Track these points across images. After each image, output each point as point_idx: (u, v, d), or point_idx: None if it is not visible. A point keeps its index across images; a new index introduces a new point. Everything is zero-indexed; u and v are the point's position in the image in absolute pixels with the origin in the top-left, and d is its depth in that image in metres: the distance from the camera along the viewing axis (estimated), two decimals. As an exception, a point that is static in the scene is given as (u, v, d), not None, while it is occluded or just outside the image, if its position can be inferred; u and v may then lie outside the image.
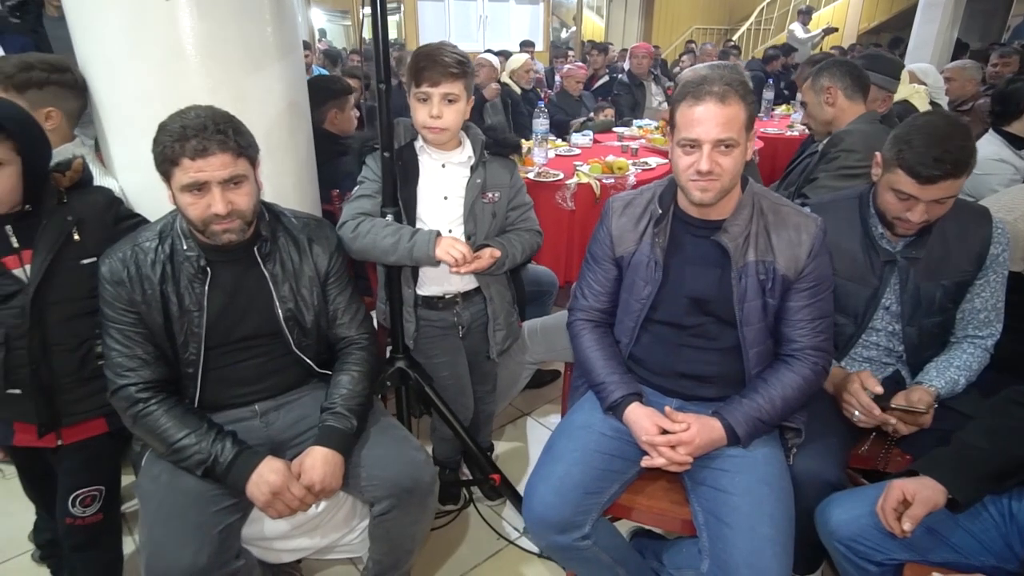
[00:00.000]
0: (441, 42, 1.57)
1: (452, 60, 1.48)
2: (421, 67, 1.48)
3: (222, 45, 1.58)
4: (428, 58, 1.48)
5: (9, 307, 1.29)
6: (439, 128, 1.52)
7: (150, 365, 1.31)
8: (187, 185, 1.19)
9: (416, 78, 1.50)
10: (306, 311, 1.42)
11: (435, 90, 1.48)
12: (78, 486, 1.43)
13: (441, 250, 1.50)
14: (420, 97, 1.51)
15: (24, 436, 1.40)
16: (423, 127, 1.54)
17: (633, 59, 5.12)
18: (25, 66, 1.52)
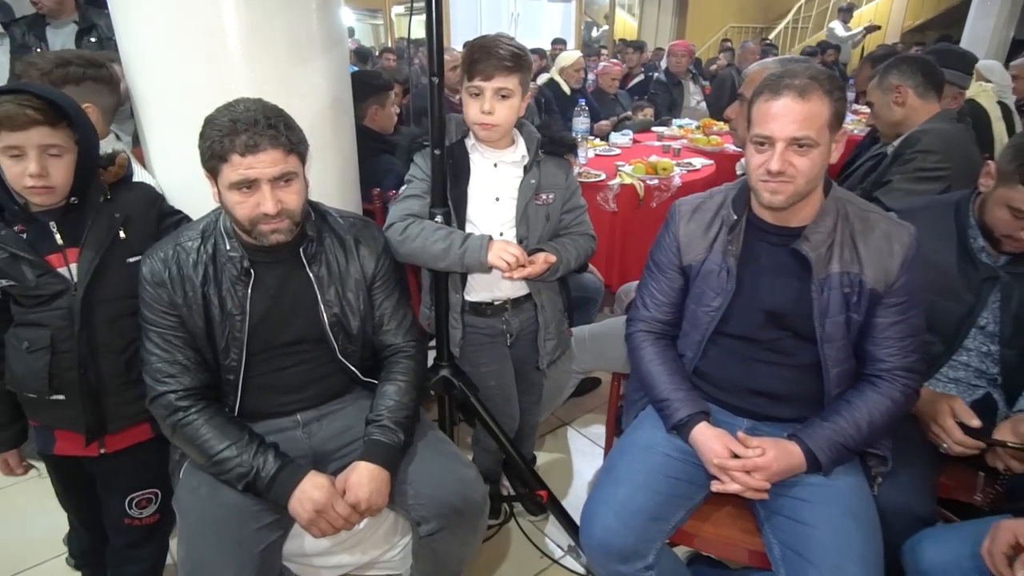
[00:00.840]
0: (497, 34, 1.48)
1: (507, 52, 1.40)
2: (474, 59, 1.40)
3: (268, 37, 1.51)
4: (482, 50, 1.39)
5: (54, 308, 1.24)
6: (491, 124, 1.43)
7: (190, 371, 1.24)
8: (236, 183, 1.13)
9: (469, 71, 1.42)
10: (352, 316, 1.35)
11: (488, 84, 1.40)
12: (134, 488, 1.40)
13: (493, 255, 1.41)
14: (472, 91, 1.42)
15: (66, 444, 1.34)
16: (474, 123, 1.45)
17: (672, 57, 4.98)
18: (62, 62, 1.49)
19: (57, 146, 1.18)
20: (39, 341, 1.24)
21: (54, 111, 1.16)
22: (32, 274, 1.21)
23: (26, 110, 1.12)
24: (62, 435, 1.34)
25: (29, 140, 1.14)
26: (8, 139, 1.14)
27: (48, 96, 1.16)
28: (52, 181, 1.18)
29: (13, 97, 1.13)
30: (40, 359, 1.24)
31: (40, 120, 1.14)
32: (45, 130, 1.16)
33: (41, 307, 1.24)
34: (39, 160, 1.16)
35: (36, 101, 1.14)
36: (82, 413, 1.28)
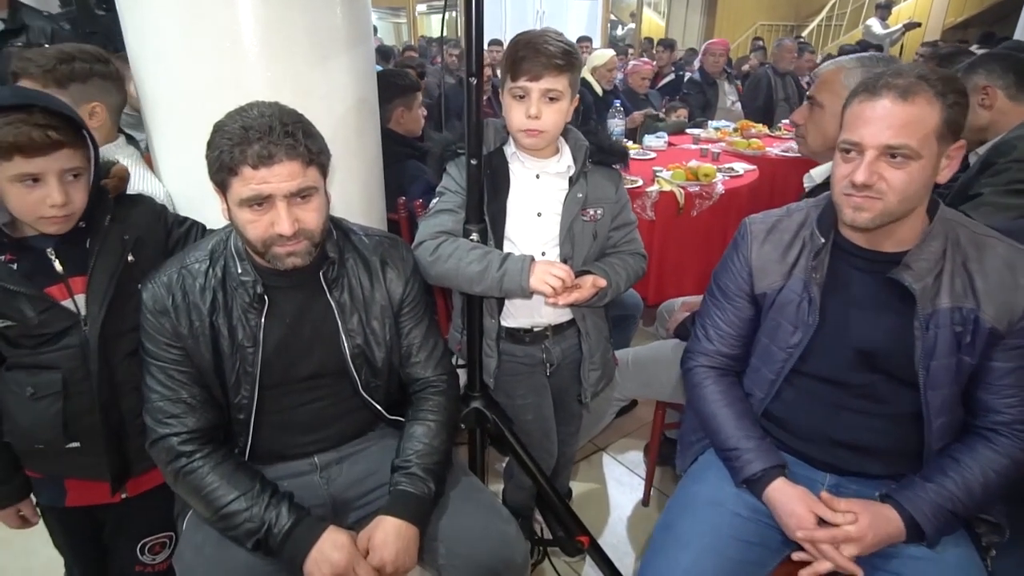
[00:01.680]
0: (544, 29, 1.31)
1: (557, 49, 1.23)
2: (519, 57, 1.23)
3: (286, 33, 1.37)
4: (528, 47, 1.23)
5: (62, 347, 1.10)
6: (537, 131, 1.26)
7: (196, 411, 1.10)
8: (247, 199, 0.98)
9: (512, 70, 1.25)
10: (376, 347, 1.19)
11: (535, 85, 1.23)
12: (148, 533, 1.28)
13: (536, 279, 1.25)
14: (516, 93, 1.26)
15: (81, 494, 1.21)
16: (518, 130, 1.29)
17: (708, 56, 4.76)
18: (65, 57, 1.34)
19: (77, 168, 1.05)
20: (48, 386, 1.10)
21: (74, 129, 1.02)
22: (32, 311, 1.07)
23: (47, 132, 0.98)
24: (75, 485, 1.21)
25: (51, 166, 1.01)
26: (25, 166, 0.99)
27: (64, 111, 1.01)
28: (73, 208, 1.05)
29: (26, 116, 0.97)
30: (51, 406, 1.10)
31: (63, 142, 1.00)
32: (67, 153, 1.02)
33: (45, 347, 1.10)
34: (62, 187, 1.02)
35: (54, 119, 0.99)
36: (105, 459, 1.15)
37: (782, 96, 5.24)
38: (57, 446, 1.14)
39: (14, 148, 0.98)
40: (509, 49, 1.27)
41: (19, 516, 1.27)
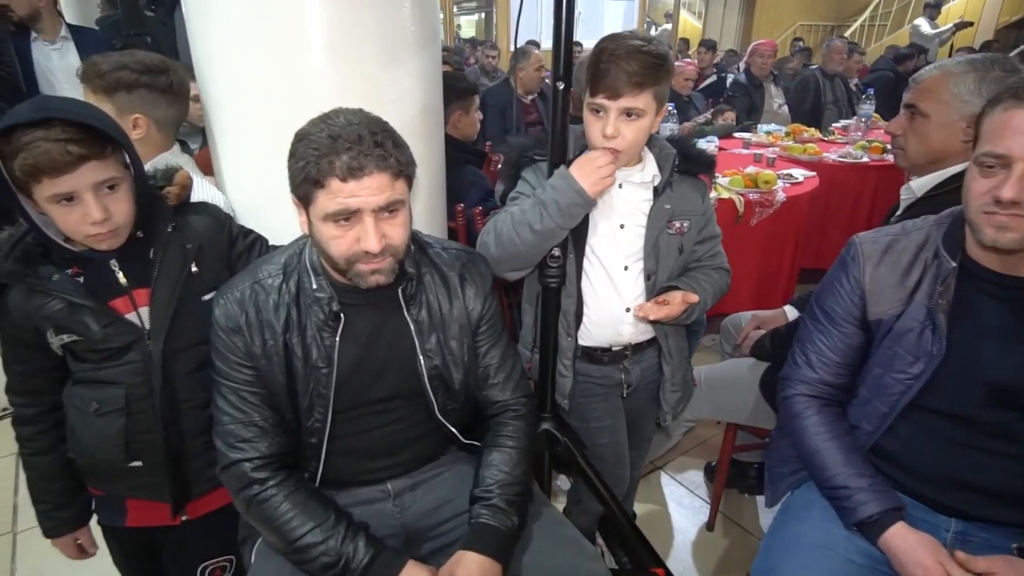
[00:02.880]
0: (631, 33, 1.21)
1: (640, 65, 1.13)
2: (600, 71, 1.14)
3: (356, 35, 1.31)
4: (611, 59, 1.13)
5: (125, 362, 1.05)
6: (615, 149, 1.18)
7: (268, 435, 1.04)
8: (333, 213, 0.91)
9: (591, 84, 1.16)
10: (454, 368, 1.12)
11: (613, 104, 1.15)
12: (206, 557, 1.23)
13: (590, 182, 1.14)
14: (593, 108, 1.18)
15: (141, 515, 1.17)
16: (595, 146, 1.20)
17: (756, 58, 4.61)
18: (119, 65, 1.30)
19: (112, 178, 0.97)
20: (111, 402, 1.06)
21: (97, 137, 0.94)
22: (97, 325, 1.02)
23: (67, 147, 0.90)
24: (136, 505, 1.17)
25: (81, 182, 0.93)
26: (55, 187, 0.92)
27: (82, 120, 0.92)
28: (116, 221, 0.99)
29: (44, 132, 0.89)
30: (114, 422, 1.06)
31: (87, 155, 0.92)
32: (95, 165, 0.94)
33: (109, 362, 1.05)
34: (98, 202, 0.95)
35: (72, 130, 0.91)
36: (165, 480, 1.10)
37: (831, 99, 5.07)
38: (119, 464, 1.10)
39: (37, 170, 0.90)
40: (592, 57, 1.18)
41: (76, 545, 1.23)
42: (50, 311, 1.02)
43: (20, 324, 1.03)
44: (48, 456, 1.14)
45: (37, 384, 1.11)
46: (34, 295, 1.01)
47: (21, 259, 1.00)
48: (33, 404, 1.12)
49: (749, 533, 1.91)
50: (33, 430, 1.13)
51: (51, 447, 1.14)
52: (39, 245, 1.02)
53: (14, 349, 1.07)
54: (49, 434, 1.13)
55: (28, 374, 1.09)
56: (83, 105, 0.98)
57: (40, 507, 1.18)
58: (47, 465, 1.15)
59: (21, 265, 1.00)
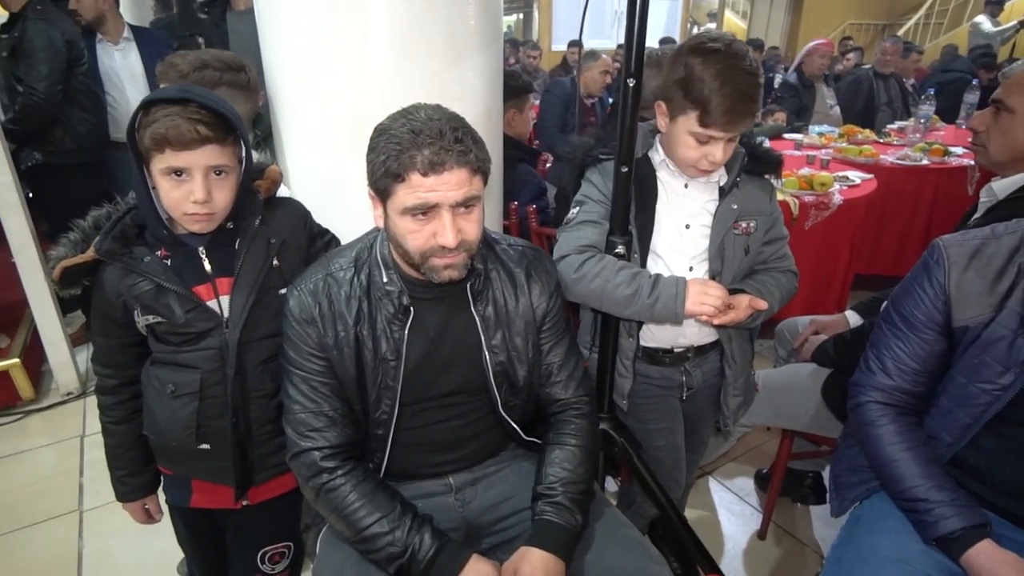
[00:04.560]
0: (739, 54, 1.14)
1: (756, 93, 1.14)
2: (727, 107, 1.11)
3: (424, 32, 1.32)
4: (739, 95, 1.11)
5: (203, 348, 1.08)
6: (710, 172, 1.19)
7: (337, 425, 1.05)
8: (412, 207, 0.92)
9: (707, 112, 1.12)
10: (519, 364, 1.12)
11: (726, 134, 1.14)
12: (268, 542, 1.25)
13: (692, 303, 1.15)
14: (703, 138, 1.16)
15: (205, 496, 1.21)
16: (691, 165, 1.20)
17: (815, 58, 4.44)
18: (200, 64, 1.36)
19: (224, 166, 1.01)
20: (187, 385, 1.09)
21: (223, 125, 0.99)
22: (180, 309, 1.06)
23: (197, 126, 0.95)
24: (201, 486, 1.20)
25: (196, 161, 0.97)
26: (173, 159, 0.97)
27: (215, 107, 0.98)
28: (215, 207, 1.02)
29: (181, 109, 0.95)
30: (187, 406, 1.09)
31: (211, 137, 0.97)
32: (214, 149, 0.98)
33: (188, 346, 1.09)
34: (205, 183, 0.99)
35: (205, 114, 0.96)
36: (231, 465, 1.13)
37: (884, 100, 4.91)
38: (188, 446, 1.13)
39: (164, 140, 0.95)
40: (705, 84, 1.12)
41: (144, 510, 1.29)
42: (139, 291, 1.06)
43: (111, 301, 1.07)
44: (125, 426, 1.19)
45: (120, 358, 1.15)
46: (127, 274, 1.05)
47: (119, 238, 1.04)
48: (115, 376, 1.17)
49: (803, 544, 1.86)
50: (113, 400, 1.18)
51: (128, 417, 1.19)
52: (136, 226, 1.07)
53: (103, 323, 1.12)
54: (127, 405, 1.18)
55: (113, 348, 1.14)
56: (218, 97, 1.02)
57: (116, 473, 1.23)
58: (123, 434, 1.20)
59: (118, 244, 1.04)
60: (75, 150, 2.72)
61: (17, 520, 1.96)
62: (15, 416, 2.54)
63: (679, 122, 1.18)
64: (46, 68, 2.53)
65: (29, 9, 2.54)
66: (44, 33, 2.51)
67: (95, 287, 1.09)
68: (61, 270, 1.05)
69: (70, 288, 1.08)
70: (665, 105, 1.21)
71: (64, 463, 2.26)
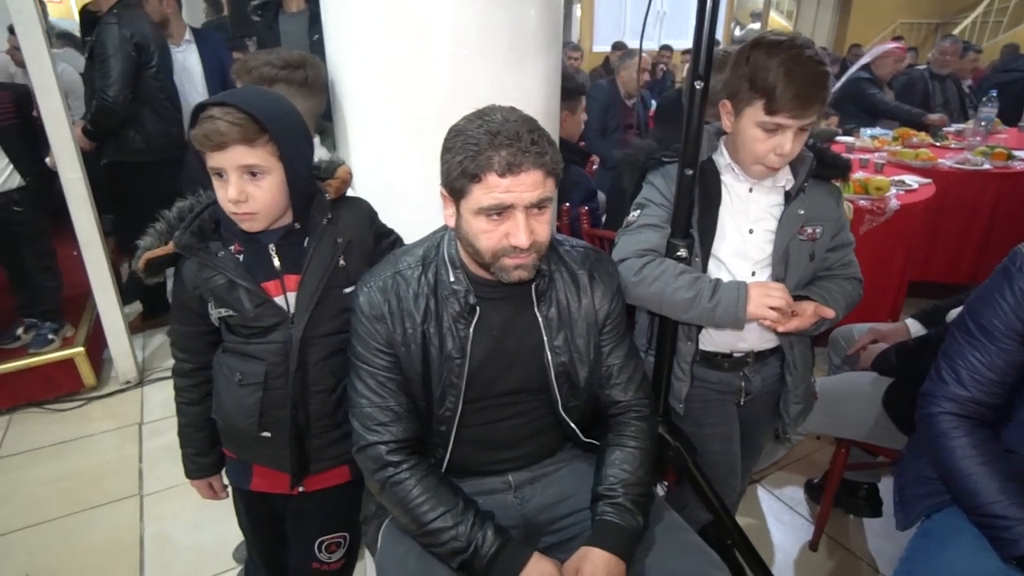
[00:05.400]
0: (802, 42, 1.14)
1: (824, 79, 1.12)
2: (790, 94, 1.10)
3: (485, 34, 1.33)
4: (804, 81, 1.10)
5: (269, 341, 1.12)
6: (778, 168, 1.16)
7: (402, 420, 1.07)
8: (488, 207, 0.93)
9: (772, 100, 1.12)
10: (580, 365, 1.13)
11: (795, 122, 1.13)
12: (324, 532, 1.28)
13: (756, 305, 1.14)
14: (768, 125, 1.15)
15: (264, 481, 1.24)
16: (759, 161, 1.18)
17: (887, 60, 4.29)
18: (263, 62, 1.41)
19: (256, 166, 1.02)
20: (253, 376, 1.13)
21: (253, 126, 0.99)
22: (250, 303, 1.10)
23: (223, 128, 0.97)
24: (260, 471, 1.24)
25: (227, 161, 1.00)
26: (212, 160, 1.01)
27: (245, 108, 0.99)
28: (253, 207, 1.03)
29: (219, 111, 0.98)
30: (252, 395, 1.13)
31: (236, 138, 0.98)
32: (242, 149, 0.99)
33: (256, 338, 1.13)
34: (238, 183, 1.01)
35: (237, 116, 0.98)
36: (288, 454, 1.17)
37: (940, 101, 4.74)
38: (251, 432, 1.17)
39: (199, 143, 1.00)
40: (770, 72, 1.11)
41: (209, 487, 1.35)
42: (213, 284, 1.10)
43: (189, 292, 1.12)
44: (197, 407, 1.25)
45: (195, 345, 1.21)
46: (203, 268, 1.10)
47: (196, 233, 1.09)
48: (190, 361, 1.22)
49: (857, 556, 1.82)
50: (187, 382, 1.24)
51: (200, 400, 1.24)
52: (214, 220, 1.11)
53: (181, 312, 1.17)
54: (199, 388, 1.24)
55: (189, 335, 1.20)
56: (260, 97, 1.04)
57: (186, 451, 1.30)
58: (195, 415, 1.25)
59: (196, 239, 1.09)
60: (145, 149, 2.80)
61: (83, 501, 2.05)
62: (78, 402, 2.66)
63: (745, 115, 1.18)
64: (115, 72, 2.60)
65: (108, 13, 2.62)
66: (115, 36, 2.58)
67: (176, 278, 1.14)
68: (146, 260, 1.10)
69: (153, 277, 1.13)
70: (730, 103, 1.21)
71: (124, 449, 2.36)
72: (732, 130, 1.23)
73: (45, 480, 2.17)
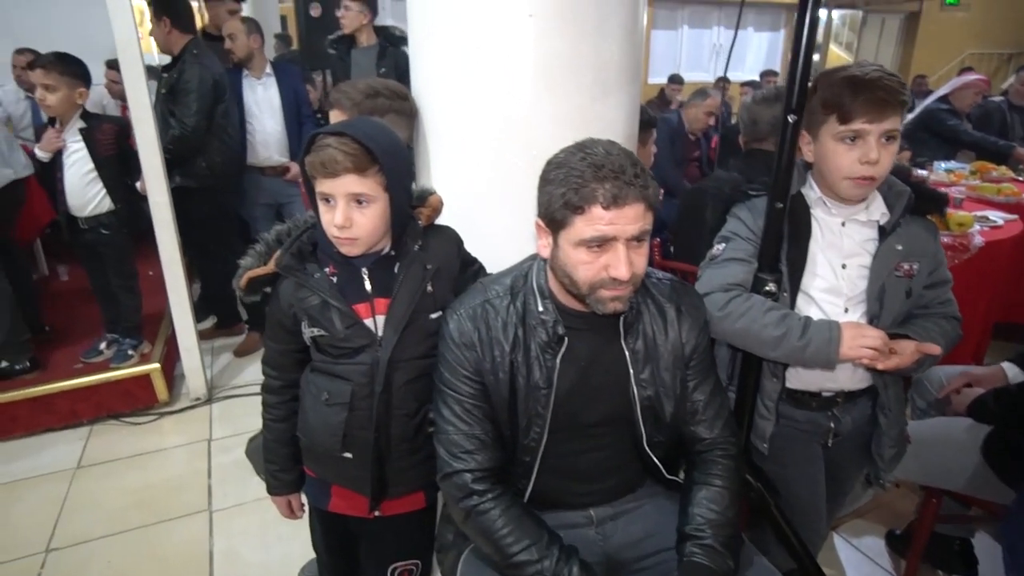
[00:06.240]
0: (862, 62, 1.18)
1: (897, 83, 1.10)
2: (860, 98, 1.09)
3: (573, 66, 1.36)
4: (866, 85, 1.09)
5: (356, 362, 1.15)
6: (872, 178, 1.12)
7: (487, 448, 1.07)
8: (589, 239, 0.94)
9: (844, 109, 1.12)
10: (666, 400, 1.11)
11: (875, 127, 1.10)
12: (398, 558, 1.29)
13: (849, 347, 1.10)
14: (846, 136, 1.13)
15: (342, 502, 1.26)
16: (848, 176, 1.15)
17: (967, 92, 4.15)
18: (372, 92, 1.45)
19: (364, 195, 1.06)
20: (339, 395, 1.15)
21: (366, 157, 1.04)
22: (341, 324, 1.13)
23: (338, 156, 1.01)
24: (339, 492, 1.26)
25: (337, 188, 1.04)
26: (322, 186, 1.05)
27: (362, 139, 1.03)
28: (356, 232, 1.07)
29: (335, 140, 1.03)
30: (338, 414, 1.16)
31: (349, 167, 1.03)
32: (353, 178, 1.04)
33: (344, 359, 1.15)
34: (345, 210, 1.05)
35: (351, 146, 1.02)
36: (369, 476, 1.18)
37: (1020, 134, 4.54)
38: (334, 452, 1.19)
39: (314, 168, 1.04)
40: (835, 87, 1.14)
41: (288, 505, 1.37)
42: (308, 304, 1.13)
43: (284, 310, 1.16)
44: (283, 424, 1.27)
45: (285, 362, 1.24)
46: (299, 288, 1.14)
47: (296, 255, 1.14)
48: (279, 378, 1.25)
49: (948, 616, 1.70)
50: (276, 399, 1.27)
51: (287, 417, 1.27)
52: (311, 243, 1.16)
53: (275, 330, 1.21)
54: (287, 405, 1.26)
55: (281, 352, 1.23)
56: (374, 128, 1.08)
57: (270, 467, 1.32)
58: (281, 431, 1.28)
59: (295, 260, 1.13)
60: (208, 175, 3.00)
61: (158, 513, 2.12)
62: (152, 416, 2.77)
63: (822, 136, 1.17)
64: (196, 105, 2.83)
65: (187, 52, 2.84)
66: (198, 75, 2.82)
67: (272, 297, 1.19)
68: (248, 279, 1.15)
69: (252, 295, 1.18)
70: (807, 133, 1.19)
71: (194, 464, 2.43)
72: (814, 157, 1.21)
73: (123, 491, 2.25)
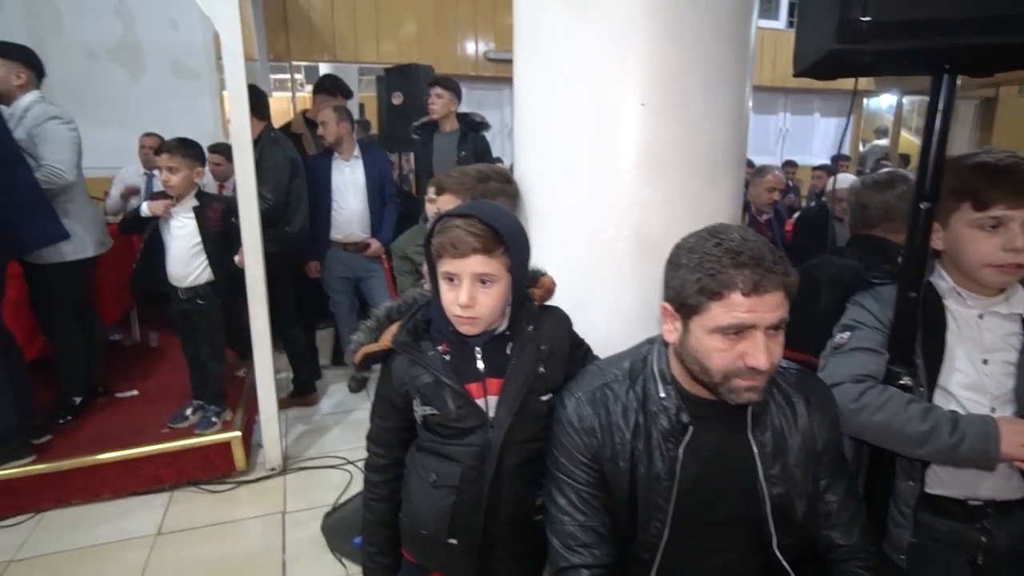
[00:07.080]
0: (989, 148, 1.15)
1: None
2: (998, 184, 1.07)
3: (686, 151, 1.39)
4: (1006, 172, 1.06)
5: (466, 443, 1.13)
6: (1019, 265, 1.07)
7: (605, 542, 1.02)
8: (727, 327, 0.91)
9: (980, 197, 1.09)
10: (798, 499, 1.03)
11: (1018, 213, 1.06)
12: None
13: (1009, 444, 1.00)
14: (985, 223, 1.09)
15: None
16: (990, 264, 1.10)
17: None
18: (483, 176, 1.51)
19: (489, 275, 1.07)
20: (449, 478, 1.13)
21: (493, 239, 1.06)
22: (453, 404, 1.12)
23: (467, 238, 1.04)
24: None
25: (464, 268, 1.06)
26: (447, 265, 1.07)
27: (491, 222, 1.06)
28: (478, 312, 1.08)
29: (464, 222, 1.05)
30: (446, 498, 1.13)
31: (477, 248, 1.05)
32: (481, 258, 1.05)
33: (454, 440, 1.14)
34: (470, 289, 1.06)
35: (479, 227, 1.05)
36: (476, 565, 1.13)
37: None
38: (439, 537, 1.15)
39: (442, 248, 1.05)
40: (966, 173, 1.11)
41: None
42: (421, 382, 1.13)
43: (396, 387, 1.16)
44: (385, 504, 1.25)
45: (391, 439, 1.23)
46: (412, 365, 1.14)
47: (411, 332, 1.15)
48: (385, 456, 1.24)
49: None
50: (379, 478, 1.25)
51: (389, 496, 1.24)
52: (425, 321, 1.17)
53: (384, 406, 1.21)
54: (389, 485, 1.24)
55: (388, 430, 1.22)
56: (498, 212, 1.11)
57: (368, 549, 1.28)
58: (383, 512, 1.25)
59: (411, 338, 1.14)
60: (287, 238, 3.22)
61: (233, 587, 2.09)
62: (229, 485, 2.79)
63: (953, 223, 1.13)
64: (274, 181, 3.10)
65: (264, 135, 3.14)
66: (277, 154, 3.13)
67: (384, 374, 1.20)
68: (363, 355, 1.16)
69: (363, 370, 1.20)
70: (937, 222, 1.15)
71: (268, 538, 2.41)
72: (946, 245, 1.16)
73: (201, 562, 2.24)
